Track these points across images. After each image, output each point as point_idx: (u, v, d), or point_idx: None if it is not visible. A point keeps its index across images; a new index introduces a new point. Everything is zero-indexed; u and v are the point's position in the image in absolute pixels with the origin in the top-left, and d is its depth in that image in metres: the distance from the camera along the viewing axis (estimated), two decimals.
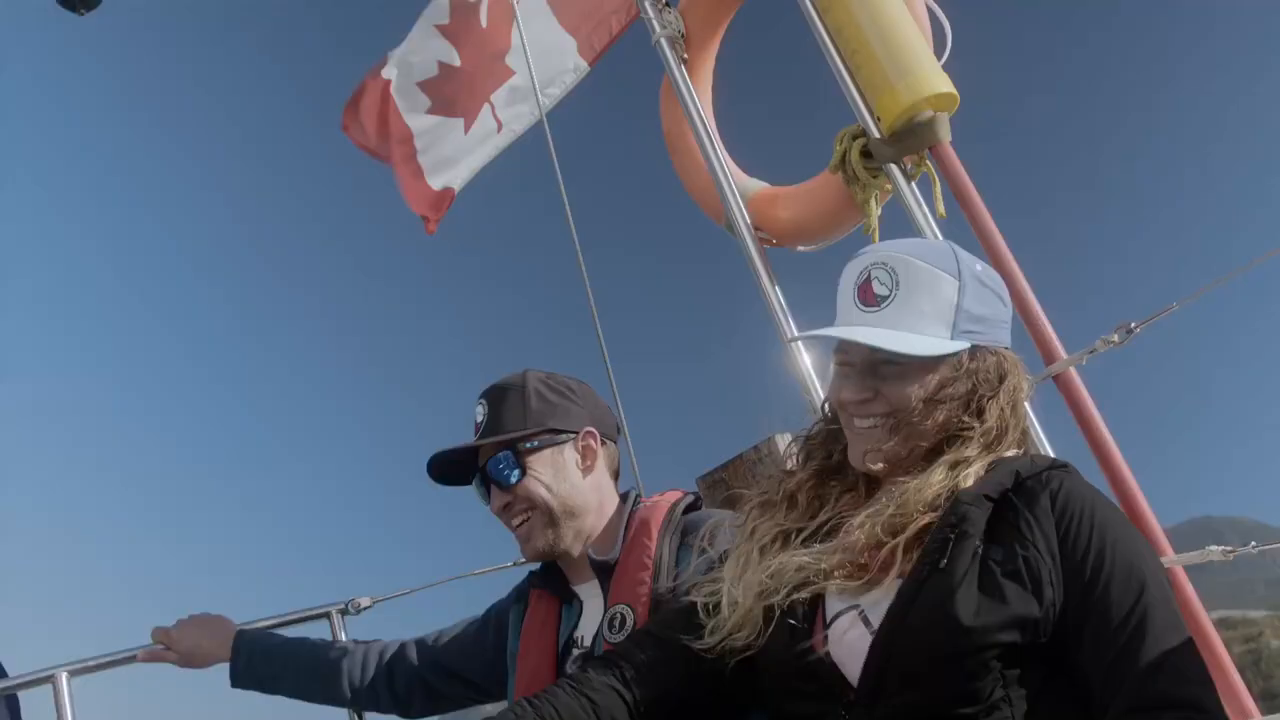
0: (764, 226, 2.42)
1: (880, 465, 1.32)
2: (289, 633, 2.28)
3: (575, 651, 1.74)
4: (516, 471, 1.74)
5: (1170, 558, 1.67)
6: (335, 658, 2.07)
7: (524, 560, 1.83)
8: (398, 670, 2.04)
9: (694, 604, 1.39)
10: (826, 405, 1.47)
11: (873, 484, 1.37)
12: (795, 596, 1.25)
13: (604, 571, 1.72)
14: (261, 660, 2.07)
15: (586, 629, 1.75)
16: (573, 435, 1.78)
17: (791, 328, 2.19)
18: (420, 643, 2.07)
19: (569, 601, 1.81)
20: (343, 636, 2.37)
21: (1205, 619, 1.66)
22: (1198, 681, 1.07)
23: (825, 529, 1.34)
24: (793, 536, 1.36)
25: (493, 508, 1.78)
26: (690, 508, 1.79)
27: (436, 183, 4.00)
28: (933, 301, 1.29)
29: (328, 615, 2.38)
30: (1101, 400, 1.86)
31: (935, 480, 1.23)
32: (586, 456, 1.79)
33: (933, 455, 1.29)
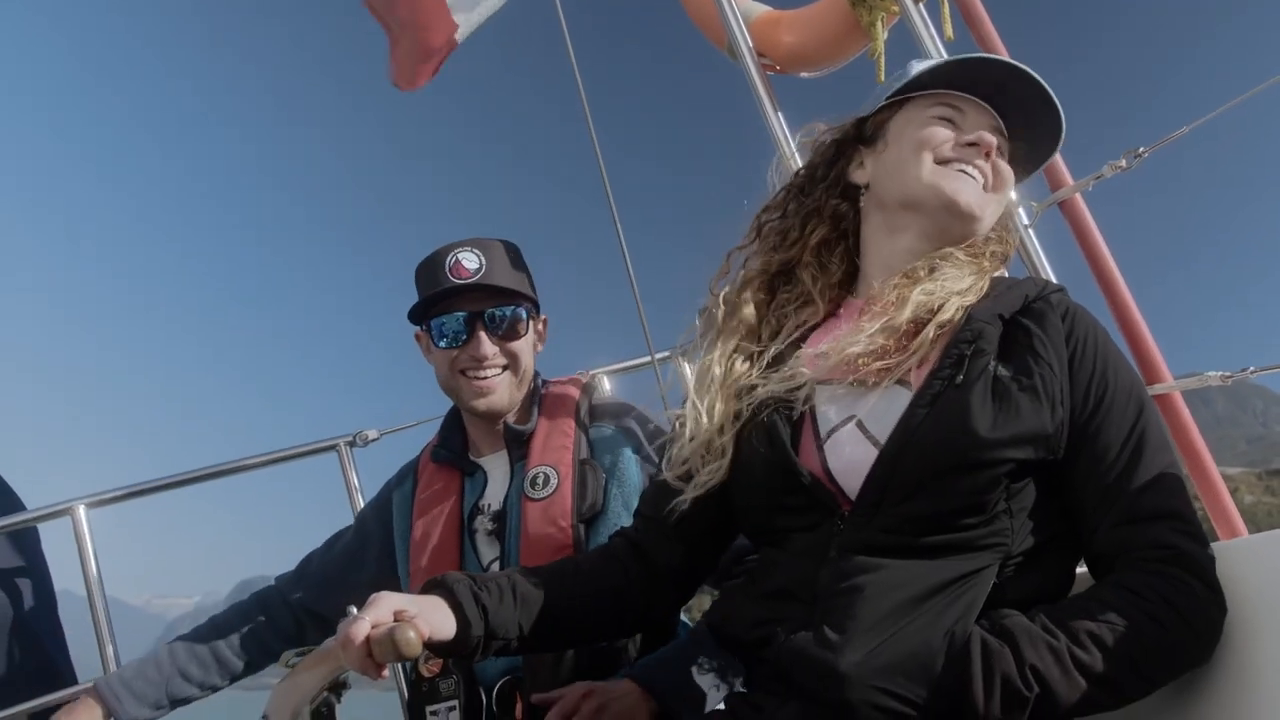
0: (766, 52, 2.34)
1: (978, 219, 1.34)
2: (298, 465, 2.32)
3: (481, 518, 1.80)
4: (521, 327, 1.82)
5: (1168, 383, 1.69)
6: (210, 644, 1.92)
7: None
8: (277, 615, 1.97)
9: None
10: (804, 170, 1.53)
11: (835, 297, 1.44)
12: (784, 409, 1.29)
13: (517, 440, 1.81)
14: (151, 684, 1.85)
15: (493, 496, 1.82)
16: (537, 315, 1.92)
17: (794, 155, 2.15)
18: (293, 575, 2.02)
19: (471, 473, 1.86)
20: (351, 468, 2.41)
21: (1201, 443, 1.70)
22: (1182, 497, 1.13)
23: (791, 342, 1.40)
24: (755, 359, 1.40)
25: (474, 352, 1.78)
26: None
27: (462, 31, 3.54)
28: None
29: (335, 448, 2.42)
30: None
31: (968, 272, 1.30)
32: (541, 337, 1.93)
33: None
